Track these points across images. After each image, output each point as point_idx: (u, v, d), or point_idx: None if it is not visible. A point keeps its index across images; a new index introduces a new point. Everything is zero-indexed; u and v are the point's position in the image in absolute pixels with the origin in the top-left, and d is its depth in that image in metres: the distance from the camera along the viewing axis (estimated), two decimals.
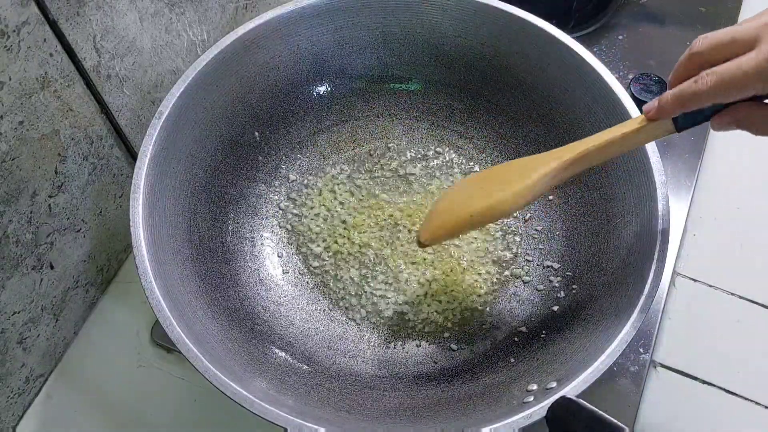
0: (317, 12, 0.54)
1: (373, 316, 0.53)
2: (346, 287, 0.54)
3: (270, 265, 0.55)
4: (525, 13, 0.53)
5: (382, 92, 0.61)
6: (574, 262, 0.53)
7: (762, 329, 0.55)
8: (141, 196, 0.44)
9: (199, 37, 0.59)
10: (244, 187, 0.57)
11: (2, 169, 0.43)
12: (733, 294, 0.57)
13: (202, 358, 0.39)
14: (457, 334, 0.52)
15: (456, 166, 0.60)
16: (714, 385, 0.53)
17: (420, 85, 0.61)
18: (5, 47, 0.40)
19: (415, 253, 0.55)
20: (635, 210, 0.47)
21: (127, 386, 0.54)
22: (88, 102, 0.49)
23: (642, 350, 0.53)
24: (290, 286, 0.55)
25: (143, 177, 0.45)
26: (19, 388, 0.52)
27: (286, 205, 0.58)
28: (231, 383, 0.39)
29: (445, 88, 0.60)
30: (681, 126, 0.37)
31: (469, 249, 0.55)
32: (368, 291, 0.54)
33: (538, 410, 0.38)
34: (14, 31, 0.40)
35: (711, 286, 0.57)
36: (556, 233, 0.55)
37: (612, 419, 0.34)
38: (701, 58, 0.34)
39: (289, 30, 0.54)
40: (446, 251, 0.55)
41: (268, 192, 0.58)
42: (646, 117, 0.38)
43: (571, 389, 0.39)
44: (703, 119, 0.36)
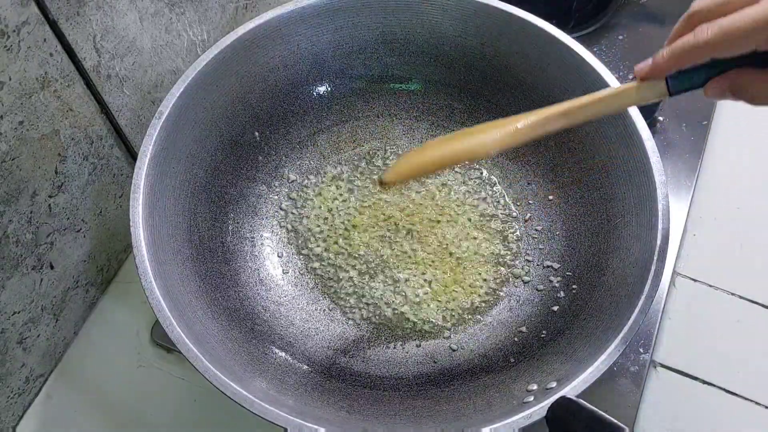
0: (317, 12, 0.54)
1: (373, 316, 0.53)
2: (346, 287, 0.54)
3: (270, 265, 0.55)
4: (525, 13, 0.53)
5: (382, 92, 0.61)
6: (574, 262, 0.53)
7: (762, 329, 0.55)
8: (141, 196, 0.44)
9: (199, 37, 0.59)
10: (244, 187, 0.57)
11: (2, 169, 0.43)
12: (733, 294, 0.57)
13: (202, 358, 0.39)
14: (457, 334, 0.52)
15: (456, 165, 0.60)
16: (714, 385, 0.53)
17: (420, 85, 0.61)
18: (5, 47, 0.40)
19: (415, 253, 0.55)
20: (635, 210, 0.47)
21: (127, 386, 0.54)
22: (88, 102, 0.49)
23: (642, 350, 0.53)
24: (290, 286, 0.55)
25: (143, 177, 0.45)
26: (19, 388, 0.52)
27: (286, 205, 0.58)
28: (231, 383, 0.39)
29: (445, 88, 0.60)
30: (674, 88, 0.35)
31: (469, 249, 0.55)
32: (368, 291, 0.54)
33: (538, 410, 0.38)
34: (14, 31, 0.40)
35: (711, 286, 0.57)
36: (556, 233, 0.55)
37: (612, 419, 0.34)
38: (701, 17, 0.33)
39: (289, 30, 0.54)
40: (446, 251, 0.55)
41: (268, 192, 0.58)
42: (638, 77, 0.36)
43: (571, 389, 0.39)
44: (698, 83, 0.35)
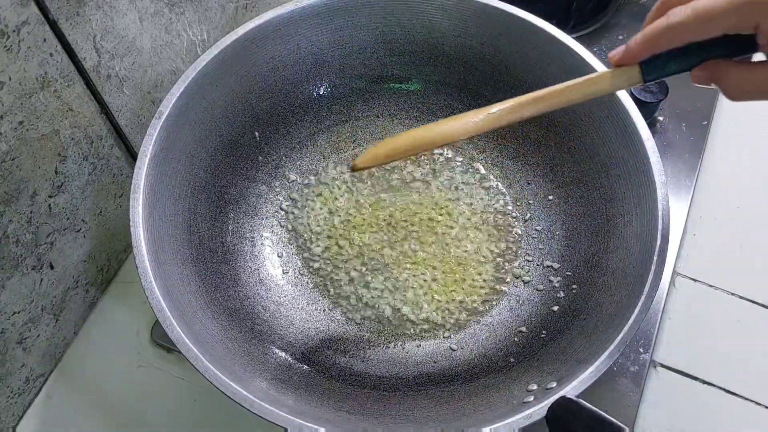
0: (317, 12, 0.54)
1: (373, 316, 0.53)
2: (347, 287, 0.54)
3: (270, 265, 0.55)
4: (525, 13, 0.53)
5: (382, 92, 0.61)
6: (574, 262, 0.53)
7: (762, 329, 0.55)
8: (141, 196, 0.44)
9: (199, 37, 0.59)
10: (244, 187, 0.57)
11: (2, 169, 0.43)
12: (733, 294, 0.57)
13: (202, 358, 0.39)
14: (457, 334, 0.52)
15: (456, 165, 0.60)
16: (714, 385, 0.53)
17: (420, 85, 0.61)
18: (5, 47, 0.40)
19: (415, 253, 0.55)
20: (635, 210, 0.47)
21: (127, 386, 0.54)
22: (88, 102, 0.49)
23: (642, 350, 0.53)
24: (290, 286, 0.55)
25: (143, 177, 0.45)
26: (19, 388, 0.52)
27: (286, 206, 0.58)
28: (231, 383, 0.39)
29: (445, 88, 0.60)
30: (647, 75, 0.35)
31: (469, 249, 0.55)
32: (368, 291, 0.54)
33: (538, 410, 0.38)
34: (14, 31, 0.40)
35: (711, 286, 0.57)
36: (556, 233, 0.55)
37: (612, 419, 0.34)
38: (673, 2, 0.33)
39: (289, 30, 0.54)
40: (446, 251, 0.55)
41: (268, 192, 0.58)
42: (612, 63, 0.36)
43: (571, 389, 0.39)
44: (672, 71, 0.35)
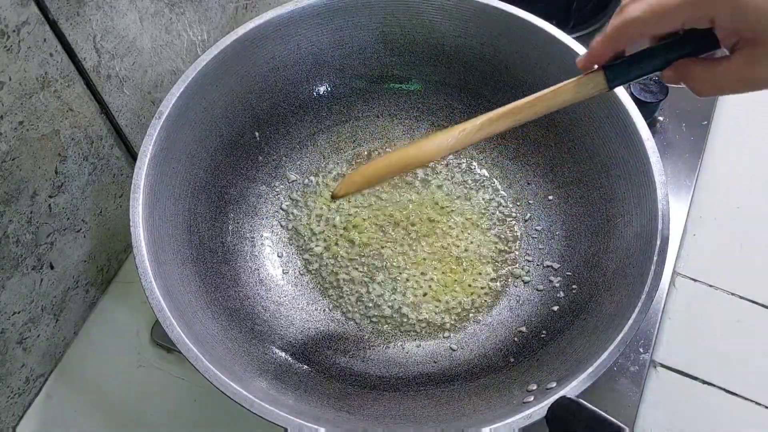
0: (317, 12, 0.54)
1: (373, 317, 0.53)
2: (347, 287, 0.54)
3: (270, 265, 0.55)
4: (525, 13, 0.53)
5: (382, 92, 0.61)
6: (574, 262, 0.53)
7: (762, 329, 0.55)
8: (141, 196, 0.44)
9: (199, 37, 0.59)
10: (244, 187, 0.57)
11: (2, 169, 0.43)
12: (733, 294, 0.57)
13: (202, 358, 0.39)
14: (457, 334, 0.52)
15: (456, 166, 0.60)
16: (714, 385, 0.53)
17: (420, 85, 0.61)
18: (5, 47, 0.40)
19: (415, 254, 0.55)
20: (635, 210, 0.47)
21: (127, 386, 0.54)
22: (88, 102, 0.49)
23: (642, 350, 0.53)
24: (290, 286, 0.55)
25: (143, 177, 0.45)
26: (19, 388, 0.52)
27: (286, 206, 0.58)
28: (231, 383, 0.39)
29: (445, 88, 0.60)
30: (611, 81, 0.36)
31: (469, 249, 0.55)
32: (368, 291, 0.54)
33: (538, 410, 0.38)
34: (14, 31, 0.40)
35: (711, 286, 0.57)
36: (556, 233, 0.55)
37: (612, 419, 0.34)
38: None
39: (289, 30, 0.54)
40: (446, 251, 0.55)
41: (268, 192, 0.58)
42: (579, 67, 0.37)
43: (571, 389, 0.39)
44: (635, 75, 0.36)
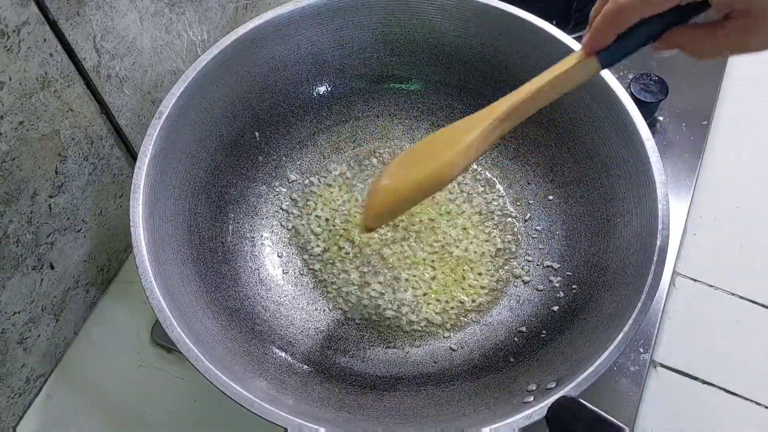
0: (317, 12, 0.54)
1: (373, 316, 0.53)
2: (347, 287, 0.54)
3: (270, 265, 0.55)
4: (525, 13, 0.53)
5: (382, 92, 0.61)
6: (574, 262, 0.53)
7: (762, 329, 0.55)
8: (141, 196, 0.44)
9: (199, 37, 0.59)
10: (244, 187, 0.57)
11: (2, 169, 0.43)
12: (733, 294, 0.57)
13: (202, 358, 0.39)
14: (457, 334, 0.52)
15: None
16: (714, 385, 0.53)
17: (420, 85, 0.61)
18: (5, 47, 0.40)
19: (415, 254, 0.55)
20: (635, 210, 0.47)
21: (127, 386, 0.54)
22: (88, 102, 0.49)
23: (642, 350, 0.53)
24: (290, 286, 0.55)
25: (143, 177, 0.45)
26: (20, 388, 0.52)
27: (286, 206, 0.58)
28: (231, 383, 0.39)
29: (445, 88, 0.60)
30: (605, 61, 0.37)
31: (469, 249, 0.55)
32: (368, 291, 0.54)
33: (538, 410, 0.38)
34: (14, 31, 0.40)
35: (711, 286, 0.57)
36: (556, 233, 0.55)
37: (612, 419, 0.34)
38: None
39: (289, 30, 0.54)
40: (446, 251, 0.55)
41: (268, 192, 0.58)
42: (584, 52, 0.37)
43: (571, 389, 0.39)
44: (623, 54, 0.36)
